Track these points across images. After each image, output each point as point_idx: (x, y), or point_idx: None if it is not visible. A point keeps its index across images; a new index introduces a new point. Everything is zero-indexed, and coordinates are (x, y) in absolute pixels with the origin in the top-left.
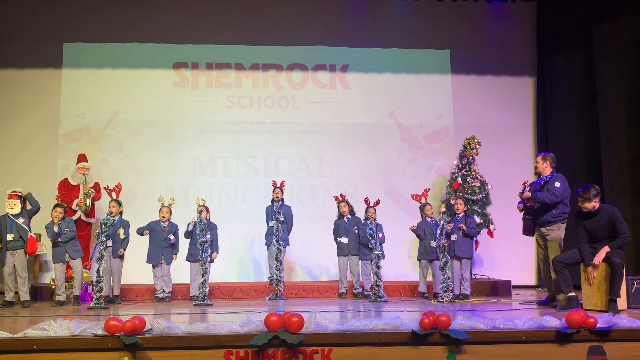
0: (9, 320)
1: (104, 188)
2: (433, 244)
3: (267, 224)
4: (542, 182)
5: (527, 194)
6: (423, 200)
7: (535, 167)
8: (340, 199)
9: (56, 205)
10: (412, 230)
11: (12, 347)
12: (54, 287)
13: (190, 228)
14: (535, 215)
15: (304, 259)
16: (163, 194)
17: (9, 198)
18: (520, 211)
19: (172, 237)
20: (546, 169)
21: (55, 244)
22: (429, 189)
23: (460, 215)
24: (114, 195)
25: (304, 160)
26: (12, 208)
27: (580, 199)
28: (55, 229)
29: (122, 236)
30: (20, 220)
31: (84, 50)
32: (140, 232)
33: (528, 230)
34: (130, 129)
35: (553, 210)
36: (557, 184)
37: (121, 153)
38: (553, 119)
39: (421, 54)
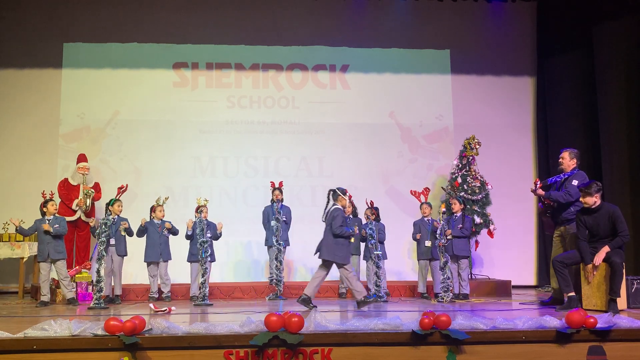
0: (9, 320)
1: (118, 188)
2: (428, 243)
3: (264, 224)
4: (563, 178)
5: (540, 192)
6: (422, 198)
7: (560, 163)
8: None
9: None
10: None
11: (12, 347)
12: (53, 286)
13: (190, 232)
14: (554, 214)
15: (304, 259)
16: (163, 194)
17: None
18: (541, 211)
19: (166, 231)
20: (572, 165)
21: (40, 242)
22: (429, 189)
23: (458, 215)
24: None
25: (304, 160)
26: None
27: (582, 194)
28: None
29: (123, 232)
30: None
31: (84, 50)
32: (141, 234)
33: (550, 228)
34: (130, 129)
35: (571, 208)
36: (575, 182)
37: (121, 153)
38: (553, 119)
39: (421, 54)
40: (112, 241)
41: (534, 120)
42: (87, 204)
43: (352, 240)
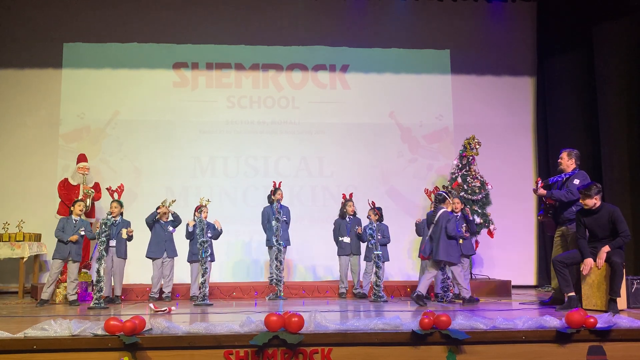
0: (9, 320)
1: (107, 189)
2: None
3: (263, 225)
4: (564, 178)
5: (542, 191)
6: (433, 197)
7: (559, 164)
8: (348, 198)
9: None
10: (416, 223)
11: (12, 347)
12: (57, 288)
13: (190, 229)
14: (555, 214)
15: (304, 259)
16: (163, 194)
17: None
18: (541, 219)
19: (171, 228)
20: (570, 165)
21: (61, 240)
22: (439, 188)
23: (458, 215)
24: (115, 196)
25: (304, 160)
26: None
27: (582, 195)
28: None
29: (124, 236)
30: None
31: (84, 50)
32: (152, 218)
33: (551, 229)
34: (130, 129)
35: (572, 208)
36: (576, 182)
37: (121, 153)
38: (553, 119)
39: (421, 54)
40: (113, 242)
41: (534, 120)
42: (87, 204)
43: (462, 241)
